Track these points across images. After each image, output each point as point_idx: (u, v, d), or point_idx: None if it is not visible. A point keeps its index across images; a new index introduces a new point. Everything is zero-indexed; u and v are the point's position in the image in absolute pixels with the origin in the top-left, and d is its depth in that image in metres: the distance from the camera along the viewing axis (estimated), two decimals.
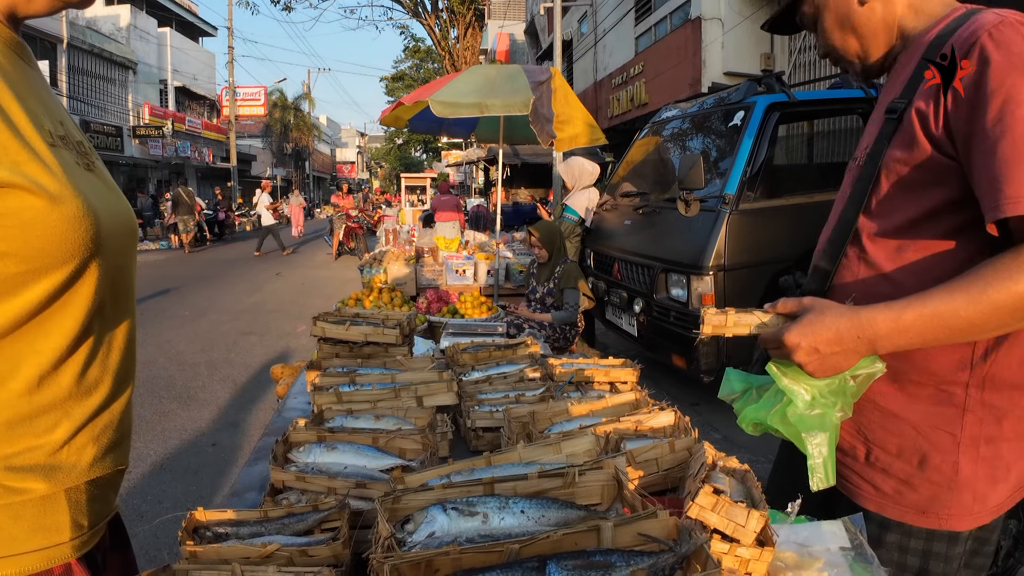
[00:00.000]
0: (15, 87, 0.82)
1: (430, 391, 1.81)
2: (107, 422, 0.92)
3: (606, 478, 1.02)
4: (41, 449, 0.83)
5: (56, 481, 0.85)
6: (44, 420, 0.83)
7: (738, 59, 11.43)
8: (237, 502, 1.59)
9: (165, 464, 4.30)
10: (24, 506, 0.82)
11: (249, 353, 7.07)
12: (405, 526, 0.92)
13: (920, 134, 1.11)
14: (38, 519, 0.83)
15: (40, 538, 0.83)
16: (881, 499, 1.22)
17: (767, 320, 1.14)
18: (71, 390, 0.86)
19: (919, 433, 1.18)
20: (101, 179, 0.95)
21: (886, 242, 1.18)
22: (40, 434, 0.83)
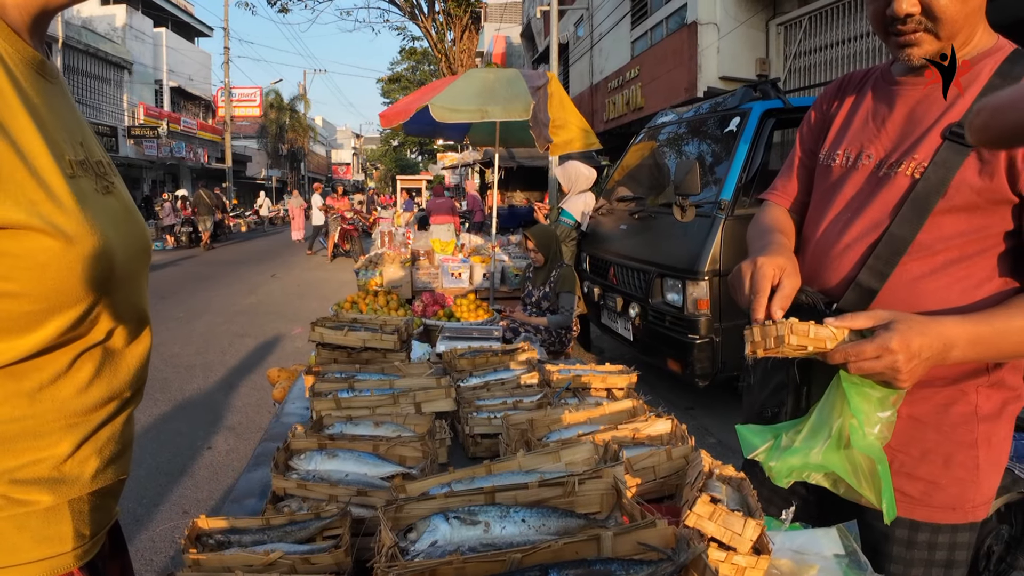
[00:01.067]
0: (36, 114, 0.81)
1: (428, 397, 1.82)
2: (110, 434, 0.93)
3: (605, 487, 1.03)
4: (46, 462, 0.84)
5: (60, 493, 0.86)
6: (49, 434, 0.84)
7: (734, 64, 11.47)
8: (237, 508, 1.60)
9: (160, 467, 4.29)
10: (28, 517, 0.83)
11: (245, 355, 7.06)
12: (408, 535, 0.93)
13: (1003, 169, 1.10)
14: (42, 530, 0.84)
15: (44, 548, 0.85)
16: (910, 503, 1.24)
17: (842, 336, 1.09)
18: (75, 405, 0.87)
19: (941, 434, 1.22)
20: (120, 200, 0.95)
21: (931, 260, 1.18)
22: (44, 448, 0.84)
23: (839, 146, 1.34)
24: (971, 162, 1.13)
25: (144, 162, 28.12)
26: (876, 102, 1.31)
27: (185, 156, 30.84)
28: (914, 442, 1.23)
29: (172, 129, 29.64)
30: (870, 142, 1.28)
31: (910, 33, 1.16)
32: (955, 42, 1.17)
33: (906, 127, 1.23)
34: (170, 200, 20.10)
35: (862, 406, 1.12)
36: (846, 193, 1.30)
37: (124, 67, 27.33)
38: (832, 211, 1.31)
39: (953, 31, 1.14)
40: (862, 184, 1.27)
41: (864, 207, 1.25)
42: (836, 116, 1.40)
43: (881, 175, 1.24)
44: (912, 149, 1.19)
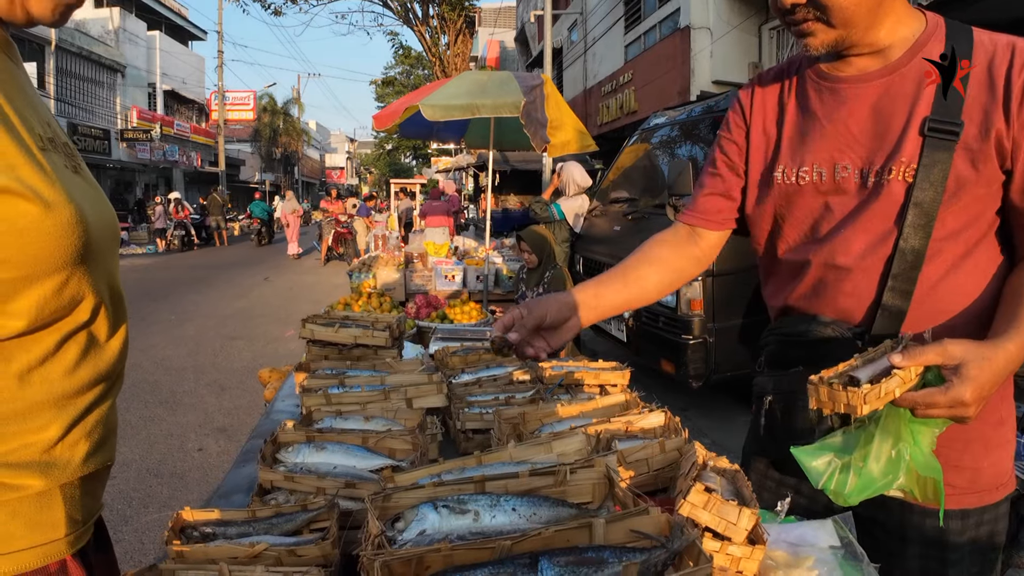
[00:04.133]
0: (5, 89, 0.82)
1: (420, 393, 1.80)
2: (98, 418, 0.93)
3: (597, 476, 1.01)
4: (36, 446, 0.84)
5: (52, 477, 0.85)
6: (38, 417, 0.84)
7: (726, 68, 11.52)
8: (224, 503, 1.58)
9: (151, 468, 4.25)
10: (21, 503, 0.82)
11: (236, 358, 7.02)
12: (395, 524, 0.91)
13: (993, 150, 1.08)
14: (35, 515, 0.84)
15: (37, 535, 0.84)
16: (959, 494, 1.21)
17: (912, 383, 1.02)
18: (63, 387, 0.86)
19: (980, 420, 1.13)
20: (87, 182, 0.95)
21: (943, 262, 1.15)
22: (34, 431, 0.83)
23: (802, 162, 1.24)
24: (960, 155, 1.09)
25: (137, 165, 28.00)
26: (826, 106, 1.22)
27: (178, 160, 30.74)
28: (958, 434, 1.17)
29: (165, 132, 29.53)
30: (841, 152, 1.19)
31: (801, 23, 1.12)
32: (858, 29, 1.11)
33: (876, 128, 1.16)
34: (162, 203, 20.05)
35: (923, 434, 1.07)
36: (833, 210, 1.21)
37: (117, 70, 27.24)
38: (822, 231, 1.23)
39: (846, 18, 1.09)
40: (850, 198, 1.19)
41: (863, 221, 1.17)
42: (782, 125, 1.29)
43: (871, 185, 1.16)
44: (896, 152, 1.13)
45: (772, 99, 1.32)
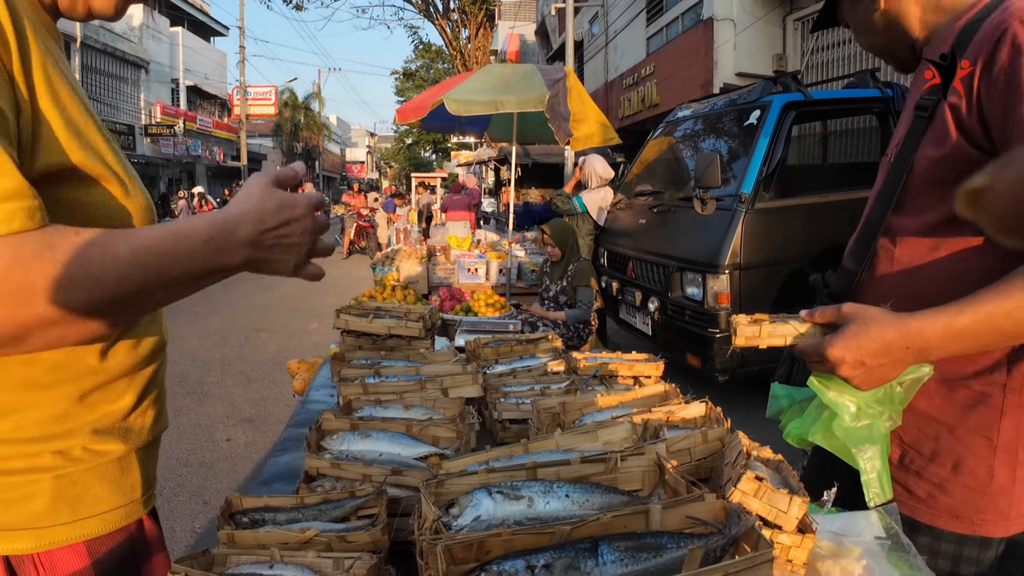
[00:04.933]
0: (69, 79, 0.85)
1: (456, 383, 1.81)
2: (158, 387, 1.01)
3: (647, 464, 1.02)
4: (115, 414, 0.91)
5: (130, 442, 0.94)
6: (115, 387, 0.91)
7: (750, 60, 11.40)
8: (265, 491, 1.60)
9: (180, 458, 4.32)
10: (107, 467, 0.90)
11: (262, 350, 7.09)
12: (450, 510, 0.92)
13: (952, 128, 1.08)
14: (118, 479, 0.92)
15: (120, 496, 0.93)
16: (914, 503, 1.20)
17: (804, 330, 1.10)
18: (132, 359, 0.93)
19: (955, 437, 1.15)
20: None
21: (916, 241, 1.16)
22: (113, 400, 0.91)
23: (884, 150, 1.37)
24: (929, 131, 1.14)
25: (160, 160, 28.34)
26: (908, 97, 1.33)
27: (201, 154, 31.06)
28: (926, 440, 1.18)
29: (188, 127, 29.84)
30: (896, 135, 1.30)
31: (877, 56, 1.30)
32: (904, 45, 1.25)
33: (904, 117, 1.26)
34: (186, 198, 20.27)
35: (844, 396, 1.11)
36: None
37: (141, 66, 27.55)
38: None
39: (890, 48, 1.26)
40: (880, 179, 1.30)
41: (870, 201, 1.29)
42: None
43: (886, 163, 1.27)
44: (898, 135, 1.24)
45: None
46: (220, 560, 1.12)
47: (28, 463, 0.83)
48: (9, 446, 0.81)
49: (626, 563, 0.77)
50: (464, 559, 0.79)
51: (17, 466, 0.82)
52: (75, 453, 0.86)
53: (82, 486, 0.87)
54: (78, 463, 0.86)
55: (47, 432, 0.83)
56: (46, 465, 0.84)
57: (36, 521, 0.84)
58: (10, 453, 0.82)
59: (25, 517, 0.83)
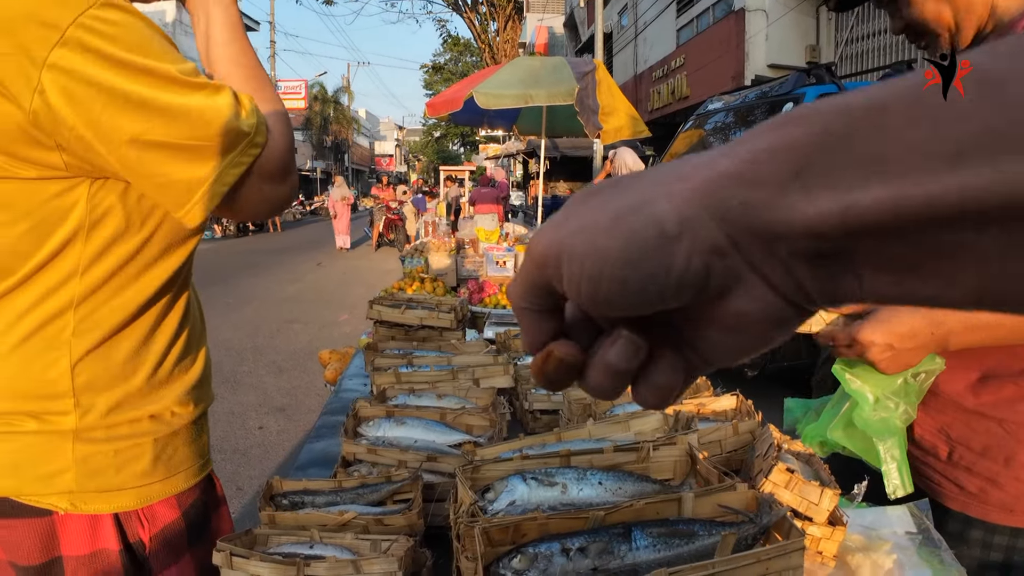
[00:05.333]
0: None
1: (487, 373, 1.84)
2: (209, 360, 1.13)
3: (679, 454, 1.03)
4: (191, 380, 1.03)
5: (201, 405, 1.06)
6: (191, 354, 1.04)
7: (782, 51, 11.25)
8: (301, 476, 1.64)
9: (214, 444, 4.38)
10: (187, 428, 1.03)
11: (293, 340, 7.20)
12: (485, 495, 0.94)
13: None
14: (195, 438, 1.05)
15: (197, 454, 1.06)
16: (966, 498, 1.20)
17: (830, 319, 1.13)
18: (197, 334, 1.07)
19: (1006, 431, 1.16)
20: None
21: None
22: (189, 368, 1.04)
23: None
24: None
25: None
26: None
27: None
28: (976, 436, 1.18)
29: None
30: None
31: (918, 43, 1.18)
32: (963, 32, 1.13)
33: None
34: None
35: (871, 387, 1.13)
36: None
37: None
38: None
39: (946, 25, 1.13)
40: None
41: None
42: None
43: None
44: None
45: None
46: (262, 540, 1.16)
47: (132, 428, 0.95)
48: (116, 413, 0.93)
49: (659, 548, 0.79)
50: (500, 541, 0.82)
51: (123, 432, 0.94)
52: (166, 417, 0.98)
53: (172, 446, 1.00)
54: (169, 425, 0.99)
55: (146, 399, 0.96)
56: (146, 430, 0.96)
57: (139, 480, 0.95)
58: (117, 420, 0.93)
59: (131, 477, 0.94)
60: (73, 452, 0.90)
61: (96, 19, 0.76)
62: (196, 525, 1.05)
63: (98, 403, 0.91)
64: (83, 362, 0.90)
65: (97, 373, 0.91)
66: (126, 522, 0.95)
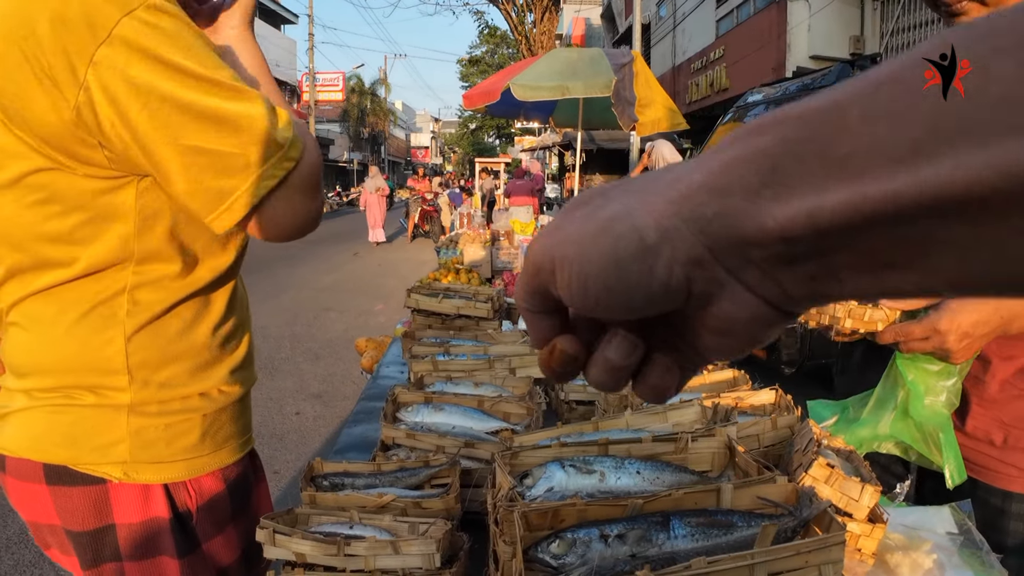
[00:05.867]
0: None
1: (524, 363, 1.85)
2: (252, 343, 1.17)
3: (718, 445, 1.03)
4: (237, 359, 1.08)
5: (246, 384, 1.12)
6: (234, 340, 1.09)
7: (825, 42, 11.01)
8: (340, 459, 1.68)
9: (253, 428, 4.51)
10: (234, 406, 1.08)
11: (330, 328, 7.31)
12: (524, 481, 0.95)
13: None
14: (240, 415, 1.11)
15: (242, 430, 1.12)
16: None
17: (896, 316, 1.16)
18: (243, 319, 1.12)
19: None
20: None
21: None
22: (235, 348, 1.09)
23: None
24: None
25: None
26: None
27: None
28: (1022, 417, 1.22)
29: None
30: None
31: (956, 3, 1.16)
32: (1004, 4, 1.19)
33: None
34: None
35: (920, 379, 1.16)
36: None
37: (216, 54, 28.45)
38: None
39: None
40: None
41: None
42: None
43: None
44: None
45: None
46: (303, 519, 1.19)
47: (183, 404, 1.00)
48: (168, 390, 0.98)
49: (697, 538, 0.79)
50: (539, 526, 0.83)
51: (175, 407, 0.99)
52: (213, 394, 1.03)
53: (219, 422, 1.05)
54: (216, 402, 1.04)
55: (195, 377, 1.01)
56: (196, 406, 1.01)
57: (188, 453, 1.00)
58: (169, 396, 0.98)
59: (181, 450, 0.99)
60: (128, 425, 0.95)
61: (143, 21, 0.78)
62: (239, 498, 1.11)
63: (152, 380, 0.96)
64: (136, 341, 0.94)
65: (151, 352, 0.96)
66: (175, 492, 1.00)
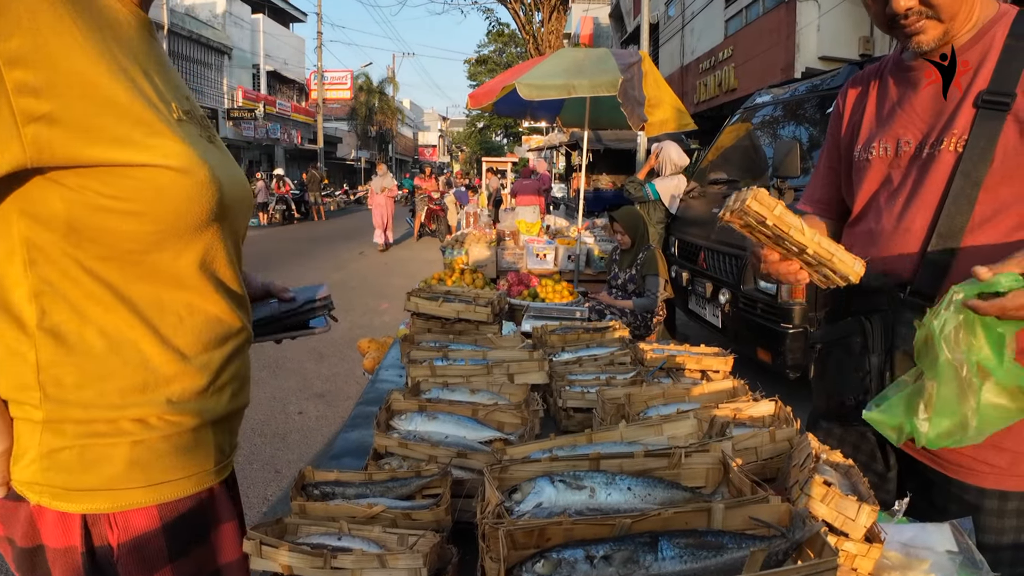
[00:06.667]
0: (144, 64, 0.90)
1: (522, 369, 1.83)
2: (239, 364, 1.06)
3: (712, 461, 1.01)
4: (191, 390, 0.96)
5: (203, 416, 0.98)
6: (191, 366, 0.96)
7: (835, 43, 10.93)
8: (335, 466, 1.66)
9: (255, 428, 4.51)
10: (180, 437, 0.96)
11: (334, 327, 7.26)
12: (512, 495, 0.94)
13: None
14: (191, 448, 0.98)
15: (193, 465, 0.98)
16: (999, 474, 1.25)
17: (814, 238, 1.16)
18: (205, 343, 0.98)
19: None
20: (220, 150, 1.04)
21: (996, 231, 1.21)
22: (189, 377, 0.96)
23: (874, 139, 1.37)
24: (1010, 124, 1.16)
25: (242, 143, 29.39)
26: (900, 90, 1.35)
27: (280, 137, 32.03)
28: None
29: (268, 111, 30.81)
30: (905, 129, 1.32)
31: (914, 24, 1.22)
32: (959, 21, 1.22)
33: (936, 106, 1.28)
34: (263, 179, 21.02)
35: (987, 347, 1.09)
36: (894, 182, 1.33)
37: (224, 52, 28.54)
38: (883, 202, 1.35)
39: (953, 11, 1.20)
40: (909, 170, 1.31)
41: (916, 191, 1.29)
42: (864, 112, 1.43)
43: (925, 156, 1.28)
44: (949, 125, 1.24)
45: (864, 90, 1.46)
46: (292, 529, 1.18)
47: (109, 427, 0.90)
48: (93, 410, 0.89)
49: (685, 560, 0.77)
50: (525, 544, 0.81)
51: (99, 430, 0.89)
52: (152, 422, 0.92)
53: (157, 453, 0.93)
54: (154, 431, 0.93)
55: (127, 400, 0.90)
56: (125, 430, 0.91)
57: (113, 483, 0.90)
58: (93, 417, 0.89)
59: (103, 479, 0.90)
60: (40, 444, 0.89)
61: None
62: (182, 540, 0.98)
63: (69, 398, 0.89)
64: (48, 355, 0.88)
65: (66, 368, 0.88)
66: (93, 524, 0.91)
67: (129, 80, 0.85)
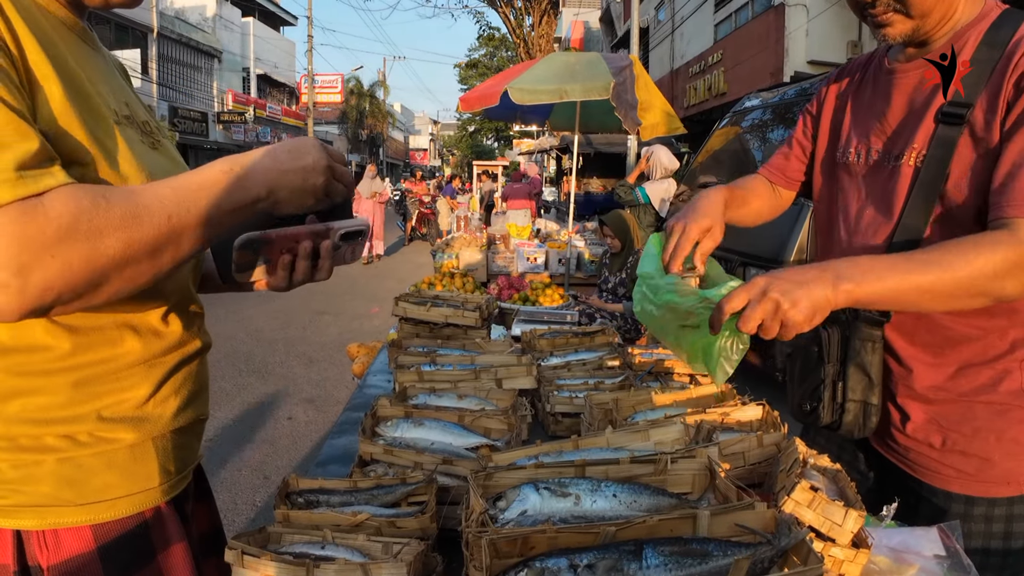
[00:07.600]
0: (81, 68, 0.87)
1: (510, 374, 1.82)
2: (186, 375, 1.00)
3: (698, 467, 1.00)
4: (127, 403, 0.91)
5: (144, 431, 0.93)
6: (127, 377, 0.91)
7: (823, 47, 11.01)
8: (321, 473, 1.65)
9: (244, 434, 4.48)
10: (116, 454, 0.90)
11: (324, 332, 7.28)
12: (497, 503, 0.93)
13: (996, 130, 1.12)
14: (129, 466, 0.91)
15: (132, 484, 0.92)
16: (965, 480, 1.25)
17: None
18: (147, 350, 0.93)
19: (992, 411, 1.22)
20: (167, 156, 1.02)
21: None
22: (124, 389, 0.90)
23: (852, 142, 1.37)
24: (965, 140, 1.16)
25: (232, 146, 29.28)
26: (875, 94, 1.35)
27: (270, 141, 31.93)
28: (966, 421, 1.24)
29: (258, 115, 30.72)
30: (876, 136, 1.32)
31: (881, 15, 1.20)
32: (931, 20, 1.19)
33: (904, 117, 1.27)
34: None
35: None
36: (863, 189, 1.34)
37: (214, 55, 28.45)
38: (852, 208, 1.35)
39: (924, 9, 1.17)
40: (875, 178, 1.31)
41: (879, 201, 1.29)
42: (846, 108, 1.42)
43: (889, 168, 1.27)
44: (911, 138, 1.23)
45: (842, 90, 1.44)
46: (275, 538, 1.16)
47: (33, 443, 0.85)
48: (16, 426, 0.84)
49: (670, 568, 0.77)
50: (508, 553, 0.80)
51: (24, 445, 0.85)
52: (81, 438, 0.87)
53: (88, 471, 0.88)
54: (84, 448, 0.87)
55: (52, 416, 0.86)
56: (51, 446, 0.86)
57: (40, 500, 0.86)
58: (17, 433, 0.84)
59: (30, 496, 0.85)
60: None
61: None
62: (121, 563, 0.91)
63: None
64: None
65: None
66: (26, 541, 0.86)
67: None
